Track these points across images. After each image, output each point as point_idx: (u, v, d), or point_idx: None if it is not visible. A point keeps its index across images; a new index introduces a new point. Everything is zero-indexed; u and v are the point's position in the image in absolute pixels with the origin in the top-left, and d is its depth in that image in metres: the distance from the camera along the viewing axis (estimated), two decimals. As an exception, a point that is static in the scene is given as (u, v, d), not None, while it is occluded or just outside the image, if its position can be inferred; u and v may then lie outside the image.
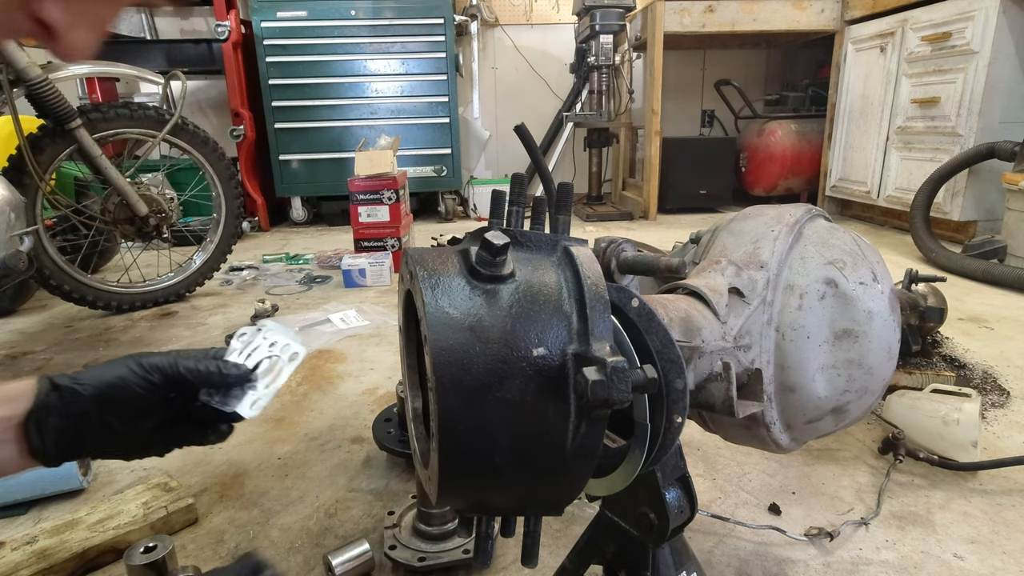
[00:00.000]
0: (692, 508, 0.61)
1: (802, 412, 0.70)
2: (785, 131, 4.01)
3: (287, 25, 3.65)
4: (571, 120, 4.24)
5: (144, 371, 0.61)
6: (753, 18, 3.62)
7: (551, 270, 0.47)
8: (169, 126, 2.12)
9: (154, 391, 0.61)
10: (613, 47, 3.99)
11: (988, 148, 2.59)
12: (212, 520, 1.03)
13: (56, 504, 1.07)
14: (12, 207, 1.68)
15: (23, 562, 0.87)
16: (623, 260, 0.87)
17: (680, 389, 0.51)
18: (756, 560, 0.91)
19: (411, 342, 0.56)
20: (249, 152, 3.76)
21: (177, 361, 0.63)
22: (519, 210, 0.52)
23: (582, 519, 1.00)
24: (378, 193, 2.66)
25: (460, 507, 0.49)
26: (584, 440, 0.43)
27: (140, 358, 0.62)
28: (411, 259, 0.46)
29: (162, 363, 0.62)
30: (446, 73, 3.81)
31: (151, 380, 0.61)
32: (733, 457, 1.18)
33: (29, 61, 1.78)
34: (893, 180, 3.25)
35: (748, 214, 0.77)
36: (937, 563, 0.90)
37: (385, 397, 1.48)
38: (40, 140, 1.91)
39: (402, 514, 0.98)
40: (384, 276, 2.50)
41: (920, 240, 2.69)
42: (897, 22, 3.15)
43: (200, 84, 4.34)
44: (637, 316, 0.52)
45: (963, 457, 1.09)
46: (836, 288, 0.68)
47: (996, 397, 1.39)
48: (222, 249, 2.42)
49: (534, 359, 0.42)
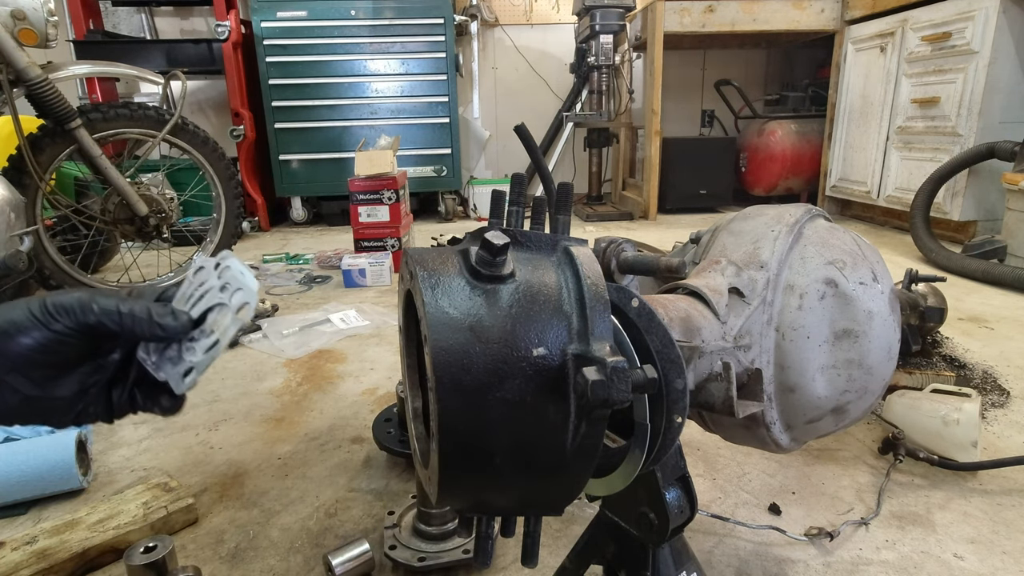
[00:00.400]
0: (692, 508, 0.61)
1: (802, 412, 0.70)
2: (785, 131, 4.01)
3: (287, 25, 3.65)
4: (571, 120, 4.25)
5: (46, 315, 0.47)
6: (753, 18, 3.62)
7: (551, 270, 0.47)
8: (169, 126, 2.12)
9: (64, 342, 0.47)
10: (613, 47, 3.99)
11: (988, 148, 2.59)
12: (212, 520, 1.03)
13: (56, 504, 1.07)
14: (12, 207, 1.68)
15: (23, 562, 0.87)
16: (623, 260, 0.87)
17: (680, 389, 0.51)
18: (756, 560, 0.91)
19: (411, 342, 0.56)
20: (249, 152, 3.76)
21: (93, 301, 0.48)
22: (519, 210, 0.52)
23: (582, 519, 1.00)
24: (378, 193, 2.66)
25: (460, 507, 0.49)
26: (584, 440, 0.43)
27: (47, 298, 0.48)
28: (411, 259, 0.46)
29: (71, 303, 0.48)
30: (446, 73, 3.81)
31: (57, 328, 0.47)
32: (733, 457, 1.18)
33: (29, 61, 1.78)
34: (893, 180, 3.25)
35: (748, 214, 0.77)
36: (937, 563, 0.90)
37: (385, 397, 1.48)
38: (40, 140, 1.91)
39: (402, 514, 0.98)
40: (384, 276, 2.50)
41: (920, 240, 2.69)
42: (897, 22, 3.15)
43: (200, 84, 4.34)
44: (637, 316, 0.52)
45: (963, 457, 1.09)
46: (836, 288, 0.68)
47: (996, 397, 1.39)
48: (222, 249, 2.41)
49: (534, 359, 0.42)
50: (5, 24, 1.74)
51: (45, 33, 1.80)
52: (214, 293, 0.53)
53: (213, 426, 1.36)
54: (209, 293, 0.53)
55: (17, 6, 1.75)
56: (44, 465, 1.05)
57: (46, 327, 0.47)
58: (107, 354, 0.53)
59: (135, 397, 0.54)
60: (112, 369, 0.53)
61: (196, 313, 0.52)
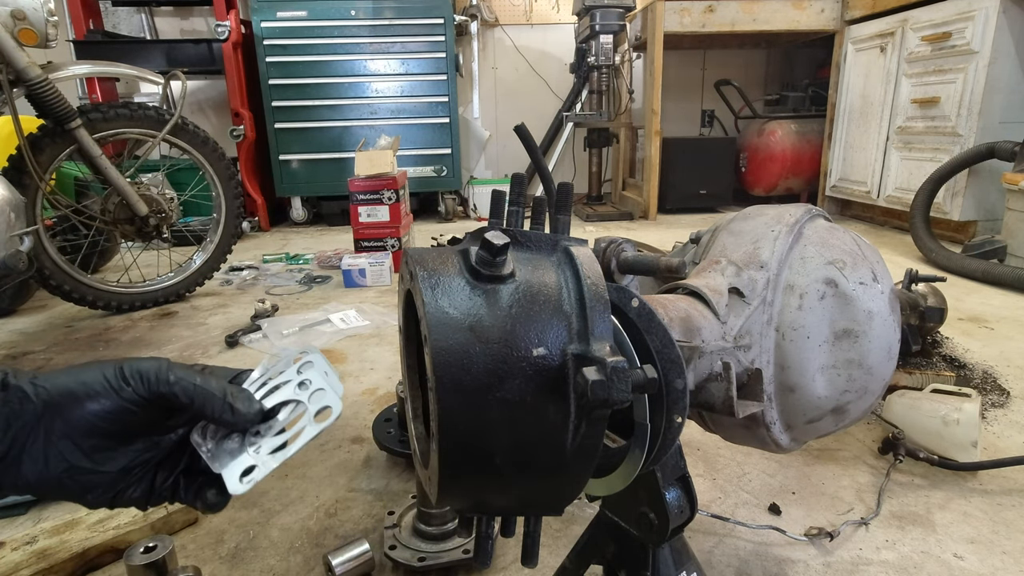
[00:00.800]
0: (692, 508, 0.61)
1: (802, 412, 0.69)
2: (785, 131, 4.01)
3: (287, 25, 3.65)
4: (571, 120, 4.25)
5: (120, 377, 0.44)
6: (753, 18, 3.62)
7: (551, 270, 0.47)
8: (169, 126, 2.12)
9: (132, 411, 0.44)
10: (613, 47, 3.99)
11: (988, 148, 2.60)
12: (212, 520, 1.03)
13: (56, 504, 1.07)
14: (12, 207, 1.68)
15: (23, 562, 0.87)
16: (623, 260, 0.87)
17: (680, 389, 0.51)
18: (756, 560, 0.91)
19: (411, 342, 0.56)
20: (249, 152, 3.76)
21: (170, 370, 0.46)
22: (519, 210, 0.52)
23: (582, 519, 1.00)
24: (378, 193, 2.66)
25: (460, 507, 0.49)
26: (584, 440, 0.43)
27: (124, 363, 0.45)
28: (411, 259, 0.46)
29: (147, 370, 0.45)
30: (446, 73, 3.82)
31: (128, 392, 0.44)
32: (733, 457, 1.18)
33: (29, 61, 1.78)
34: (893, 180, 3.25)
35: (748, 214, 0.77)
36: (937, 563, 0.90)
37: (385, 397, 1.48)
38: (40, 140, 1.91)
39: (402, 514, 0.98)
40: (384, 276, 2.50)
41: (920, 240, 2.69)
42: (897, 22, 3.15)
43: (200, 84, 4.35)
44: (637, 316, 0.52)
45: (963, 457, 1.09)
46: (836, 288, 0.68)
47: (996, 397, 1.39)
48: (222, 249, 2.42)
49: (534, 359, 0.42)
50: (5, 24, 1.74)
51: (45, 33, 1.80)
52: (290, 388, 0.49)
53: (213, 426, 1.35)
54: (285, 387, 0.49)
55: (17, 6, 1.75)
56: (44, 465, 1.05)
57: (117, 393, 0.44)
58: (164, 432, 0.48)
59: (178, 486, 0.49)
60: (165, 451, 0.48)
61: (269, 404, 0.48)
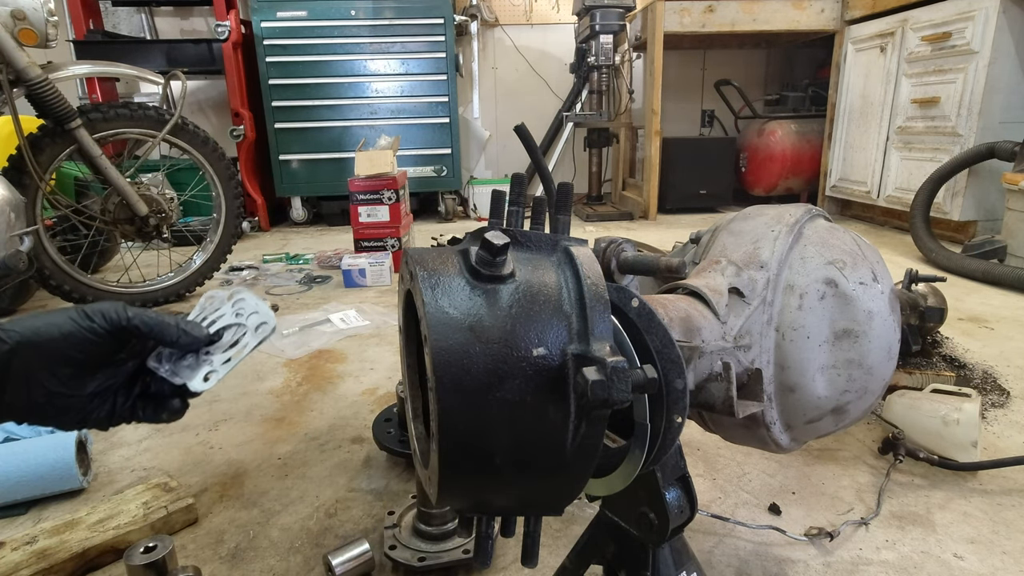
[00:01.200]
0: (692, 508, 0.61)
1: (802, 412, 0.70)
2: (785, 131, 4.01)
3: (287, 25, 3.65)
4: (571, 120, 4.24)
5: (85, 316, 0.53)
6: (753, 18, 3.62)
7: (551, 270, 0.47)
8: (169, 126, 2.12)
9: (97, 342, 0.53)
10: (613, 47, 3.99)
11: (988, 148, 2.60)
12: (212, 520, 1.03)
13: (56, 504, 1.07)
14: (12, 207, 1.68)
15: (23, 562, 0.87)
16: (623, 260, 0.87)
17: (680, 389, 0.51)
18: (756, 560, 0.91)
19: (411, 342, 0.56)
20: (249, 152, 3.76)
21: (126, 308, 0.55)
22: (519, 210, 0.52)
23: (582, 519, 1.00)
24: (378, 193, 2.66)
25: (460, 507, 0.49)
26: (584, 440, 0.43)
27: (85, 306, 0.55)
28: (411, 259, 0.46)
29: (107, 308, 0.54)
30: (446, 73, 3.81)
31: (93, 327, 0.53)
32: (733, 457, 1.18)
33: (29, 61, 1.78)
34: (893, 180, 3.25)
35: (748, 214, 0.77)
36: (937, 563, 0.90)
37: (385, 397, 1.48)
38: (40, 140, 1.91)
39: (402, 514, 0.98)
40: (384, 276, 2.50)
41: (920, 240, 2.69)
42: (897, 22, 3.15)
43: (200, 84, 4.35)
44: (637, 316, 0.52)
45: (963, 457, 1.09)
46: (836, 288, 0.68)
47: (996, 397, 1.39)
48: (222, 249, 2.42)
49: (534, 359, 0.42)
50: (5, 24, 1.74)
51: (45, 33, 1.80)
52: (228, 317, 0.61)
53: (213, 426, 1.36)
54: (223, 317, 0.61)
55: (17, 6, 1.75)
56: (44, 465, 1.05)
57: (84, 329, 0.53)
58: (123, 362, 0.58)
59: (135, 407, 0.59)
60: (124, 376, 0.58)
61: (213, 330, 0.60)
